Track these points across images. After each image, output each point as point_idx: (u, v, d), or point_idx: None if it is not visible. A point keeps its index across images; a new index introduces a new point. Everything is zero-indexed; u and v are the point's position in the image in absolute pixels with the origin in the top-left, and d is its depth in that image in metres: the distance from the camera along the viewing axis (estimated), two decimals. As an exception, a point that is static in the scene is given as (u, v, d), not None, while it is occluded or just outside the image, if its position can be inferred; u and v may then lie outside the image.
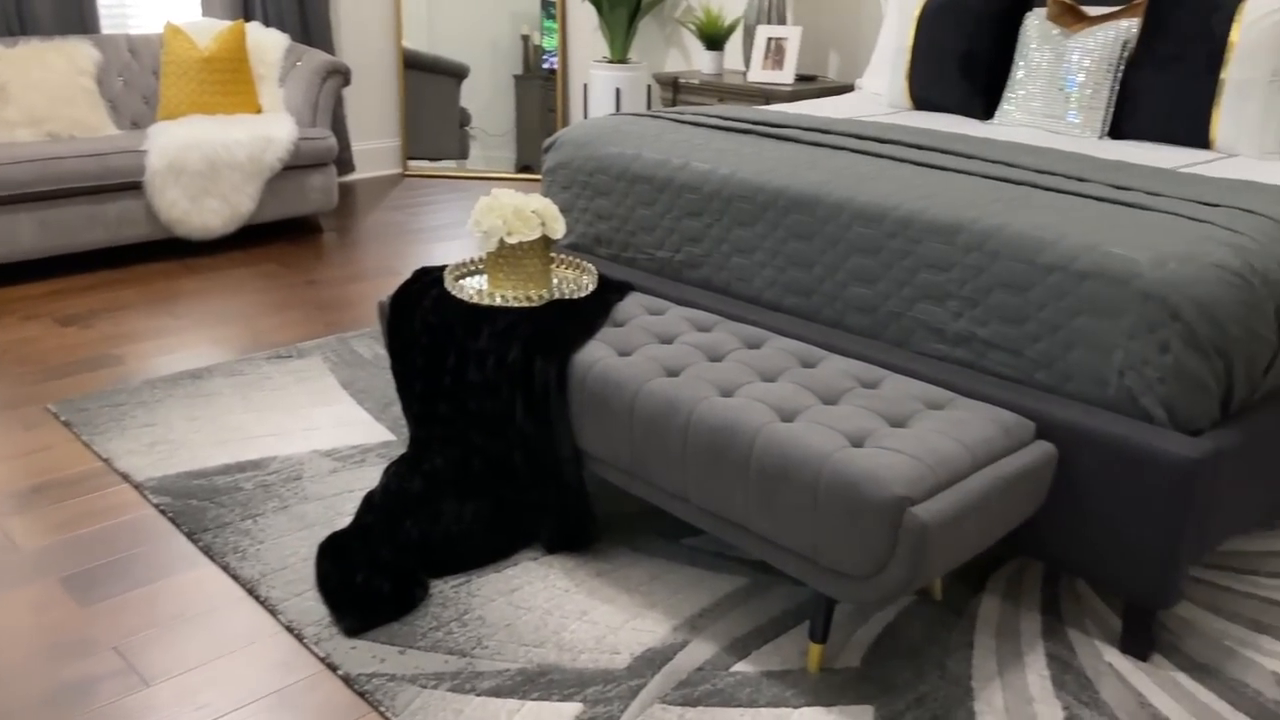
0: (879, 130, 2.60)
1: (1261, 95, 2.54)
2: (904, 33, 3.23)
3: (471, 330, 2.19)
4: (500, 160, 5.69)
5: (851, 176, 2.24)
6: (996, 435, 1.76)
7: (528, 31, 5.64)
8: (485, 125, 5.74)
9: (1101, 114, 2.79)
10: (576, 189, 2.75)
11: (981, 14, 3.05)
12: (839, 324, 2.22)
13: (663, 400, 1.89)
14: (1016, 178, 2.16)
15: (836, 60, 4.32)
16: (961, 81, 3.08)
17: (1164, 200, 2.00)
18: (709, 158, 2.47)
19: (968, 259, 1.98)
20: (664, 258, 2.56)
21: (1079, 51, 2.82)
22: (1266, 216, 1.91)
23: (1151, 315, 1.75)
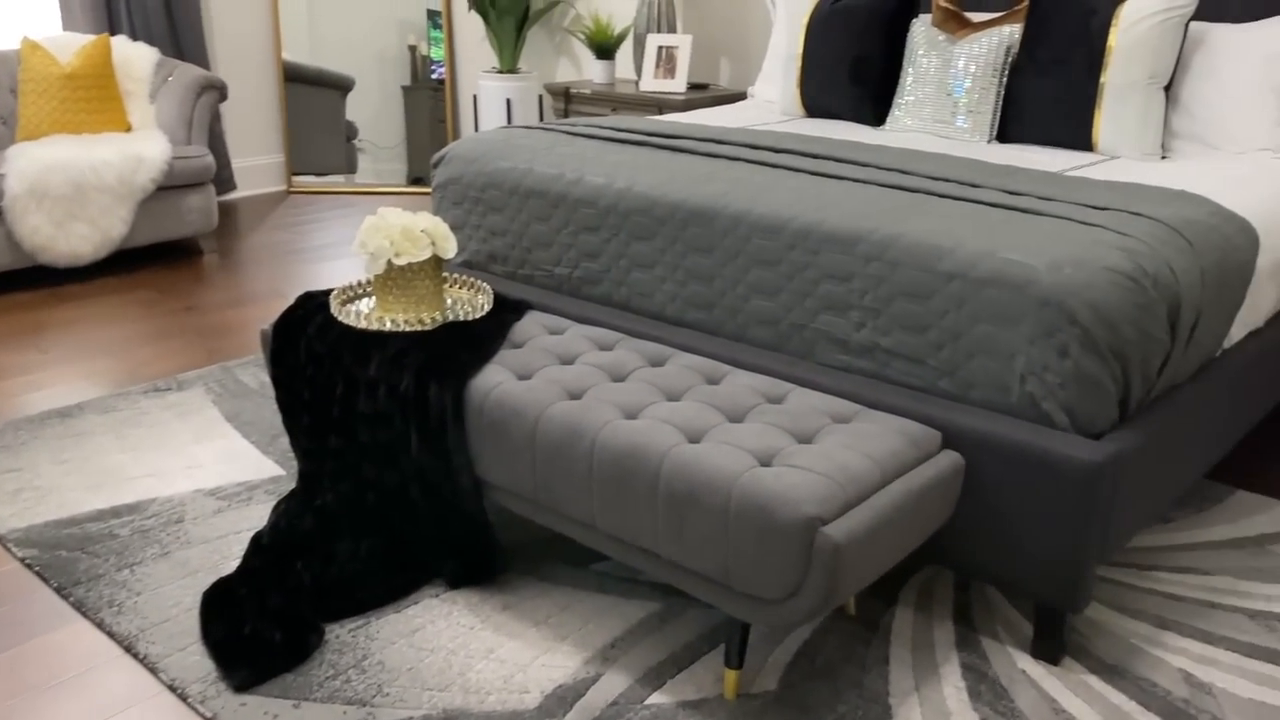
0: (774, 139, 2.58)
1: (1140, 98, 2.60)
2: (793, 40, 3.23)
3: (360, 358, 2.08)
4: (391, 173, 5.55)
5: (749, 188, 2.20)
6: (904, 447, 1.74)
7: (414, 42, 5.52)
8: (374, 138, 5.59)
9: (989, 119, 2.82)
10: (468, 205, 2.66)
11: (869, 21, 3.06)
12: (742, 337, 2.19)
13: (566, 425, 1.82)
14: (912, 185, 2.15)
15: (728, 68, 4.32)
16: (852, 88, 3.09)
17: (1055, 205, 2.02)
18: (604, 171, 2.41)
19: (868, 269, 1.96)
20: (562, 274, 2.49)
21: (965, 57, 2.85)
22: (1153, 219, 1.94)
23: (1049, 320, 1.76)
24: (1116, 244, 1.81)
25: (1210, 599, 2.02)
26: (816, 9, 3.19)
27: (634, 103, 3.98)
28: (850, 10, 3.11)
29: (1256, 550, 2.19)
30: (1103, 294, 1.73)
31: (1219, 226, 2.01)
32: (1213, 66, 2.66)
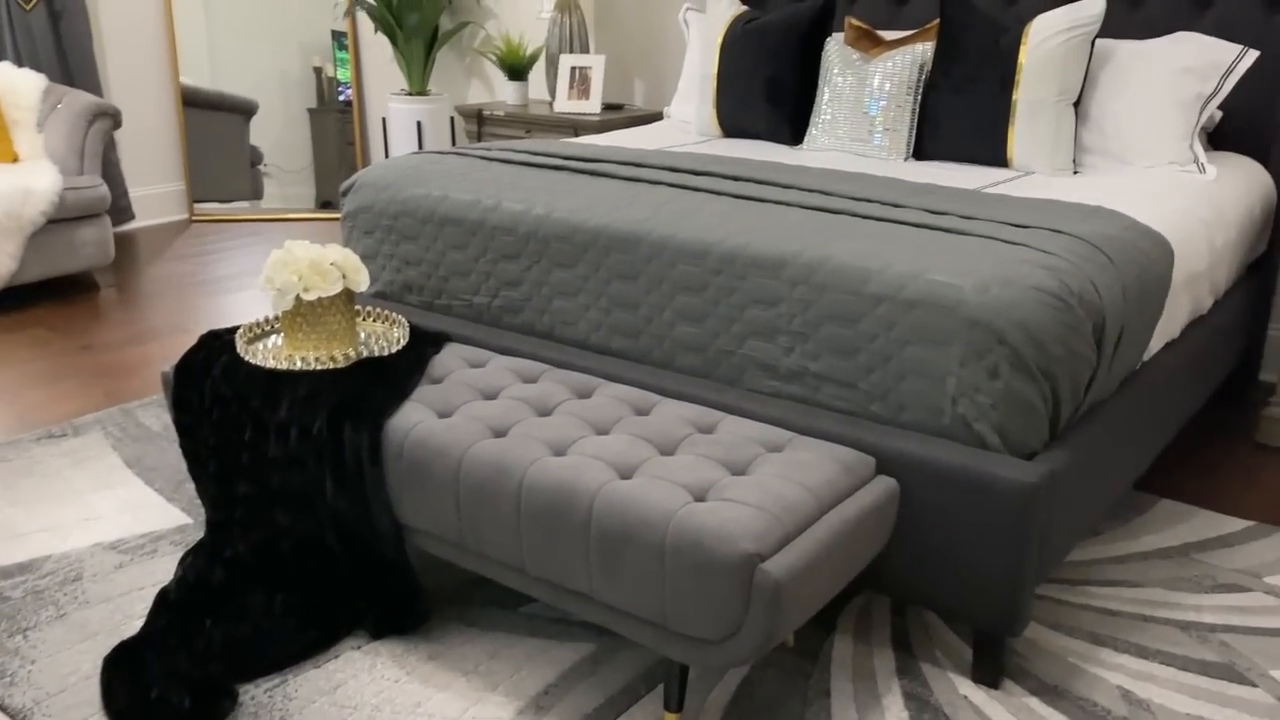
0: (694, 162, 2.54)
1: (1051, 115, 2.63)
2: (708, 61, 3.21)
3: (269, 399, 1.98)
4: (299, 197, 5.40)
5: (671, 212, 2.16)
6: (838, 475, 1.70)
7: (319, 63, 5.39)
8: (280, 161, 5.44)
9: (905, 136, 2.83)
10: (380, 234, 2.56)
11: (782, 41, 3.05)
12: (670, 365, 2.13)
13: (490, 464, 1.74)
14: (835, 206, 2.13)
15: (643, 88, 4.29)
16: (768, 108, 3.08)
17: (978, 224, 2.01)
18: (522, 197, 2.34)
19: (795, 293, 1.92)
20: (481, 303, 2.41)
21: (879, 76, 2.86)
22: (1074, 236, 1.94)
23: (979, 341, 1.74)
24: (1041, 263, 1.81)
25: (1143, 612, 2.03)
26: (730, 29, 3.17)
27: (548, 124, 3.92)
28: (763, 30, 3.10)
29: (1184, 560, 2.21)
30: (1030, 313, 1.72)
31: (1136, 242, 2.03)
32: (1120, 82, 2.71)
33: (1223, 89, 2.64)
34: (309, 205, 5.40)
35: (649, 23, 4.18)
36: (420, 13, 4.41)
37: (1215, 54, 2.65)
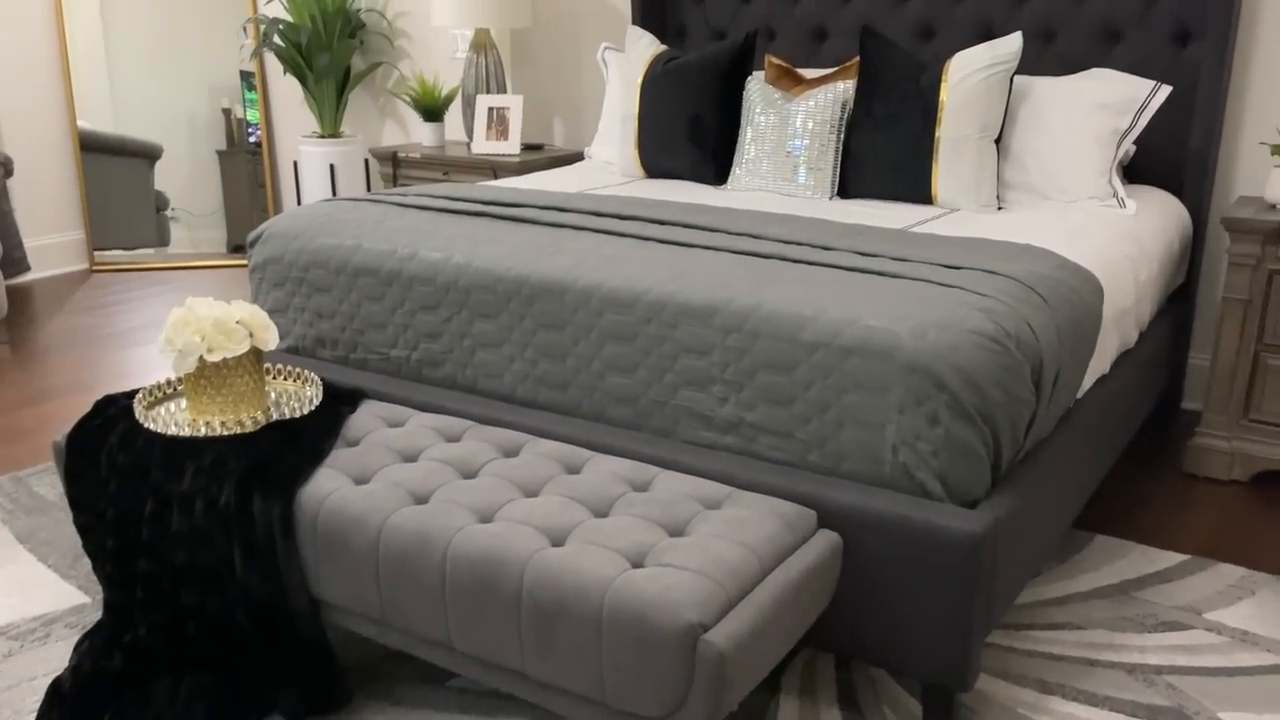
0: (619, 205, 2.47)
1: (973, 151, 2.63)
2: (629, 100, 3.16)
3: (173, 469, 1.84)
4: (209, 241, 5.22)
5: (597, 259, 2.08)
6: (780, 531, 1.63)
7: (228, 104, 5.23)
8: (189, 206, 5.25)
9: (829, 175, 2.81)
10: (291, 286, 2.44)
11: (703, 80, 3.02)
12: (600, 417, 2.05)
13: (412, 534, 1.63)
14: (765, 250, 2.08)
15: (563, 127, 4.23)
16: (691, 148, 3.04)
17: (910, 265, 1.98)
18: (440, 245, 2.24)
19: (727, 341, 1.86)
20: (400, 357, 2.30)
21: (802, 114, 2.83)
22: (1007, 276, 1.92)
23: (918, 387, 1.70)
24: (977, 305, 1.77)
25: (1089, 655, 1.99)
26: (650, 69, 3.13)
27: (466, 166, 3.83)
28: (683, 69, 3.06)
29: (1123, 599, 2.18)
30: (968, 358, 1.68)
31: (1067, 280, 2.01)
32: (1039, 118, 2.72)
33: (1138, 124, 2.68)
34: (220, 250, 5.22)
35: (567, 62, 4.13)
36: (331, 54, 4.29)
37: (1130, 90, 2.68)
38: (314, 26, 4.30)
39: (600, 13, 3.99)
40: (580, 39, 4.08)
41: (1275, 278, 2.61)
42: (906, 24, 3.30)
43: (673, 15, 3.76)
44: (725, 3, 3.63)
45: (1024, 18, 3.13)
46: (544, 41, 4.16)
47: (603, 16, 3.99)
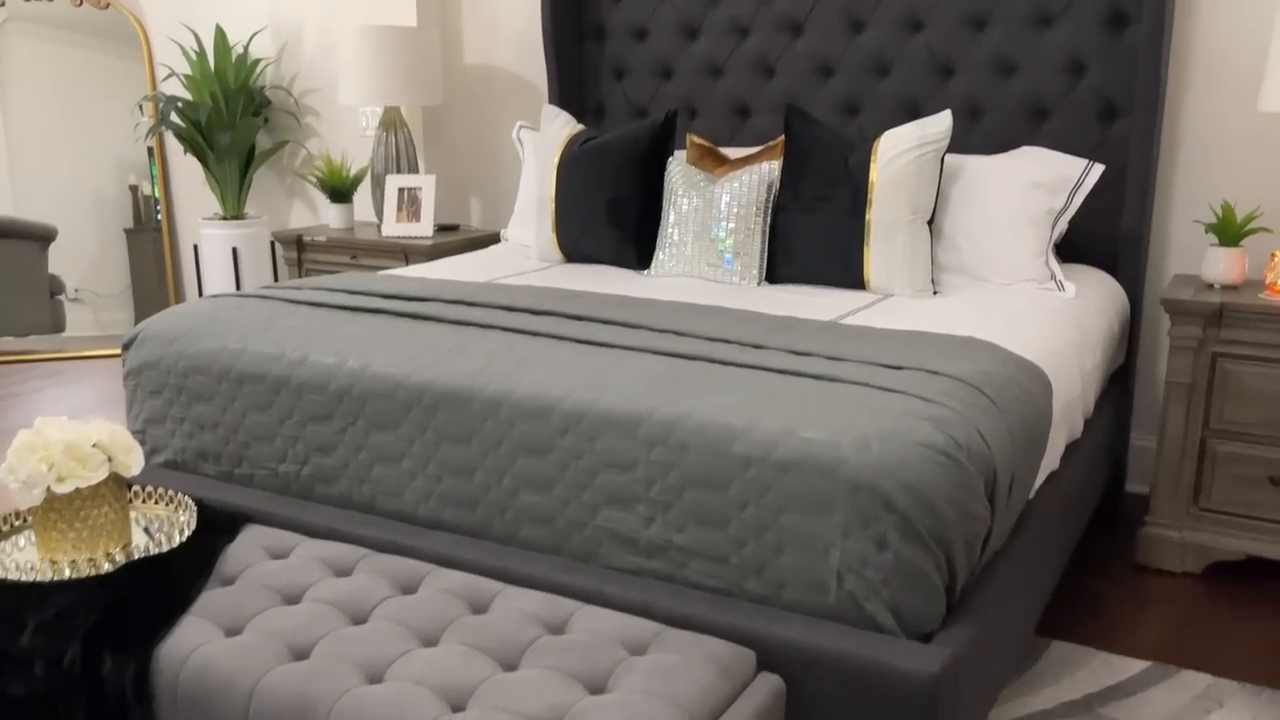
0: (533, 298, 2.28)
1: (906, 234, 2.51)
2: (546, 182, 2.99)
3: (11, 621, 1.58)
4: (115, 323, 4.97)
5: (508, 362, 1.89)
6: (714, 680, 1.43)
7: (135, 181, 5.00)
8: (95, 287, 4.99)
9: (757, 260, 2.66)
10: (169, 394, 2.19)
11: (622, 161, 2.87)
12: (513, 539, 1.84)
13: (289, 698, 1.40)
14: (691, 351, 1.90)
15: (479, 206, 4.05)
16: (612, 232, 2.87)
17: (847, 366, 1.82)
18: (334, 348, 2.03)
19: (653, 455, 1.67)
20: (289, 473, 2.07)
21: (726, 196, 2.70)
22: (952, 377, 1.77)
23: (863, 507, 1.52)
24: (923, 413, 1.61)
25: (1057, 790, 1.81)
26: (567, 149, 2.97)
27: (376, 249, 3.62)
28: (601, 150, 2.91)
29: (1088, 716, 2.02)
30: (918, 473, 1.51)
31: (1015, 377, 1.87)
32: (971, 199, 2.62)
33: (1072, 204, 2.59)
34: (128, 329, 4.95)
35: (482, 140, 3.98)
36: (233, 132, 4.08)
37: (1062, 168, 2.60)
38: (215, 104, 4.08)
39: (516, 89, 3.85)
40: (496, 116, 3.93)
41: (1219, 361, 2.51)
42: (831, 100, 3.22)
43: (591, 92, 3.63)
44: (645, 79, 3.51)
45: (950, 95, 3.06)
46: (458, 119, 4.01)
47: (519, 93, 3.85)
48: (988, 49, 2.99)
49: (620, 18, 3.51)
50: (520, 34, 3.78)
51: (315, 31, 4.17)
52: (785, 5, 3.24)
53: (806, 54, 3.24)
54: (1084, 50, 2.88)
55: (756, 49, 3.31)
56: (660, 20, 3.44)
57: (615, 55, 3.55)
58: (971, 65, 3.02)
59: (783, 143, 2.80)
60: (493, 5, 3.83)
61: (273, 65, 4.29)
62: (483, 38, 3.88)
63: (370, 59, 3.56)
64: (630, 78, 3.54)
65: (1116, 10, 2.82)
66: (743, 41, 3.34)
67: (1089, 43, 2.87)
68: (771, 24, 3.28)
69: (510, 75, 3.85)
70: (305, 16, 4.17)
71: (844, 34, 3.18)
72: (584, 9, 3.58)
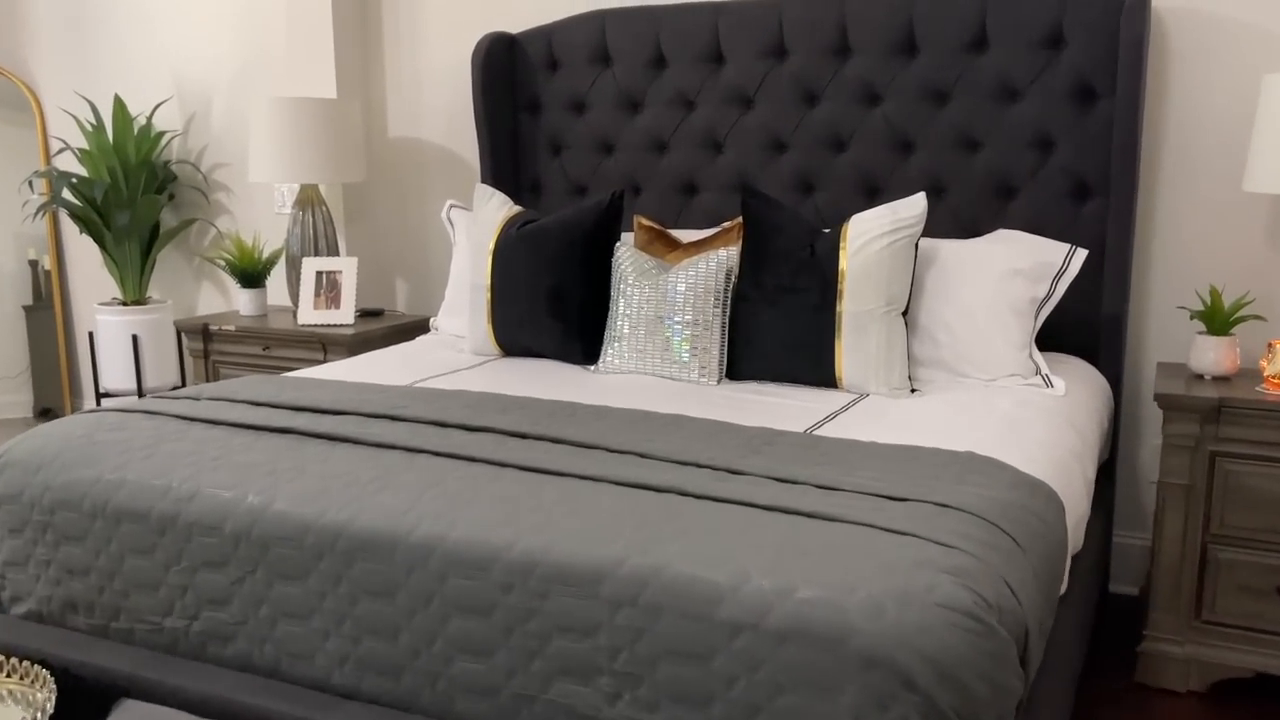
0: (467, 411, 1.99)
1: (880, 327, 2.28)
2: (480, 269, 2.72)
3: None
4: (13, 406, 4.60)
5: (439, 499, 1.59)
6: None
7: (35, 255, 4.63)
8: (-8, 366, 4.58)
9: (716, 355, 2.41)
10: (32, 533, 1.85)
11: (564, 246, 2.61)
12: (446, 715, 1.52)
13: None
14: (658, 481, 1.62)
15: (405, 290, 3.75)
16: (554, 323, 2.60)
17: (843, 499, 1.55)
18: (231, 479, 1.71)
19: (618, 618, 1.38)
20: (175, 628, 1.73)
21: (681, 285, 2.45)
22: (964, 511, 1.51)
23: (878, 687, 1.25)
24: (941, 563, 1.35)
25: None
26: (503, 233, 2.71)
27: (291, 340, 3.30)
28: (542, 234, 2.65)
29: None
30: (942, 644, 1.25)
31: (1028, 504, 1.63)
32: (948, 288, 2.41)
33: (1056, 292, 2.39)
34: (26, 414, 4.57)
35: (408, 219, 3.69)
36: (134, 210, 3.73)
37: (1043, 254, 2.41)
38: (113, 180, 3.74)
39: (446, 165, 3.59)
40: (424, 194, 3.65)
41: (1218, 460, 2.32)
42: (784, 177, 3.01)
43: (527, 169, 3.38)
44: (584, 155, 3.28)
45: (910, 172, 2.87)
46: (382, 197, 3.72)
47: (448, 169, 3.58)
48: (950, 124, 2.82)
49: (557, 89, 3.28)
50: (449, 106, 3.53)
51: (225, 102, 3.86)
52: (733, 76, 3.04)
53: (757, 128, 3.04)
54: (1052, 126, 2.71)
55: (704, 123, 3.10)
56: (600, 92, 3.22)
57: (552, 129, 3.32)
58: (933, 141, 2.84)
59: (739, 225, 2.57)
60: (419, 75, 3.57)
61: (179, 138, 3.96)
62: (409, 110, 3.62)
63: (284, 133, 3.26)
64: (569, 153, 3.30)
65: (1084, 84, 2.66)
66: (689, 115, 3.13)
67: (1057, 118, 2.70)
68: (719, 96, 3.08)
69: (439, 150, 3.59)
70: (214, 85, 3.87)
71: (796, 107, 2.99)
72: (517, 80, 3.34)
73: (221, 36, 3.81)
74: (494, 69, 3.27)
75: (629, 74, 3.17)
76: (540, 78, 3.30)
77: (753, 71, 3.01)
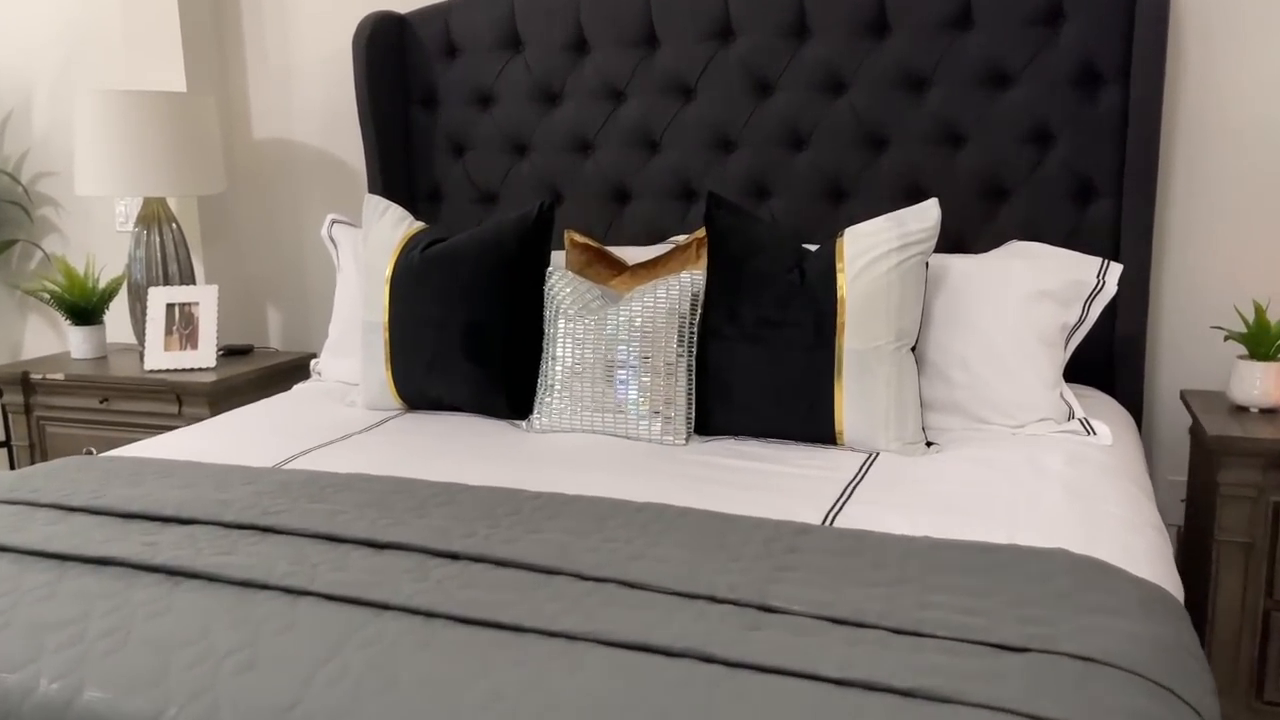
0: (370, 515, 1.44)
1: (889, 368, 1.83)
2: (375, 303, 2.16)
3: None
4: None
5: (339, 684, 1.05)
6: None
7: None
8: None
9: (683, 408, 1.92)
10: None
11: (482, 271, 2.08)
12: None
13: None
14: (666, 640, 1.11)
15: (279, 321, 3.15)
16: (472, 369, 2.07)
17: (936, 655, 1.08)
18: (14, 651, 1.14)
19: None
20: None
21: (635, 320, 1.95)
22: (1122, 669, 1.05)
23: None
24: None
25: None
26: (402, 256, 2.16)
27: (137, 390, 2.67)
28: (452, 257, 2.11)
29: None
30: None
31: (1178, 636, 1.17)
32: (962, 315, 1.98)
33: (1088, 316, 1.98)
34: None
35: (280, 237, 3.10)
36: (-67, 232, 3.03)
37: (1073, 271, 1.99)
38: (-95, 196, 3.03)
39: (325, 171, 3.00)
40: (299, 205, 3.06)
41: (1285, 513, 1.94)
42: (732, 180, 2.54)
43: (423, 174, 2.84)
44: (493, 157, 2.75)
45: (882, 172, 2.44)
46: (247, 211, 3.11)
47: (328, 177, 3.00)
48: (929, 115, 2.39)
49: (456, 79, 2.75)
50: (328, 101, 2.95)
51: (49, 96, 3.19)
52: (670, 61, 2.56)
53: (700, 123, 2.56)
54: (1050, 116, 2.31)
55: (636, 117, 2.61)
56: (509, 81, 2.70)
57: (453, 126, 2.78)
58: (909, 135, 2.41)
59: (699, 242, 2.09)
60: (288, 65, 2.98)
61: (-9, 142, 3.27)
62: (278, 105, 3.02)
63: (122, 135, 2.63)
64: (474, 155, 2.77)
65: (1087, 66, 2.27)
66: (617, 108, 2.63)
67: (1055, 107, 2.30)
68: (654, 85, 2.59)
69: (316, 153, 3.00)
70: (35, 76, 3.19)
71: (747, 97, 2.52)
72: (409, 68, 2.79)
73: (43, 14, 3.13)
74: (380, 55, 2.72)
75: (544, 60, 2.65)
76: (437, 65, 2.76)
77: (693, 56, 2.53)
